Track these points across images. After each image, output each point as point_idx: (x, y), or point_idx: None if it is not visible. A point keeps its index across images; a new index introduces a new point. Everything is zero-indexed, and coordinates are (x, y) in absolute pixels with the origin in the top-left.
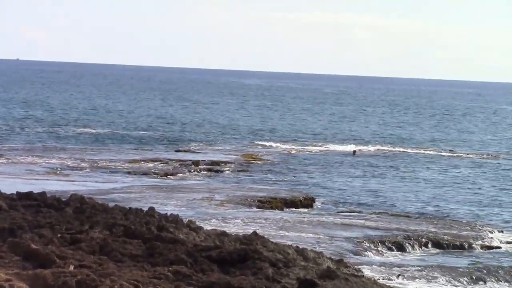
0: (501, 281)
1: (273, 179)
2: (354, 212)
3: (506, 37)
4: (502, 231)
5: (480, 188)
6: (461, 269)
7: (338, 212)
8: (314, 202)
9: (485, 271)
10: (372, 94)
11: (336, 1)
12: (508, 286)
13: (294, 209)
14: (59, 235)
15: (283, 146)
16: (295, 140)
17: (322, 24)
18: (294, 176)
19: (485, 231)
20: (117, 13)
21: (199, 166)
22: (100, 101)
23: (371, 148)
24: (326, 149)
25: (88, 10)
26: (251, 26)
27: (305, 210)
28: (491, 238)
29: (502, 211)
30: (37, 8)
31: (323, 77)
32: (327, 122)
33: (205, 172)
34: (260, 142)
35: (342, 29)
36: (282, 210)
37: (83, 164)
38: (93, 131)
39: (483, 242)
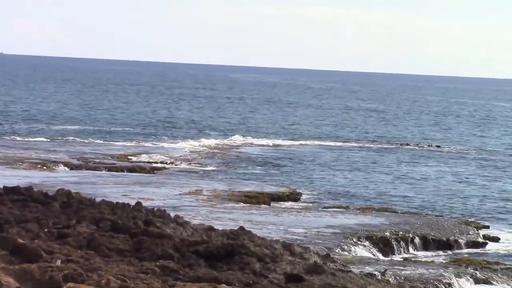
0: (490, 278)
1: (258, 174)
2: (340, 208)
3: (495, 33)
4: (488, 227)
5: (464, 183)
6: (447, 265)
7: (324, 207)
8: (301, 197)
9: (470, 267)
10: (353, 92)
11: None
12: (495, 281)
13: (281, 203)
14: (46, 229)
15: (266, 142)
16: (277, 135)
17: (308, 19)
18: (279, 171)
19: (470, 226)
20: (107, 7)
21: (185, 161)
22: (87, 98)
23: (355, 144)
24: (310, 143)
25: (71, 3)
26: (239, 21)
27: (292, 205)
28: (477, 234)
29: (487, 206)
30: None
31: (310, 73)
32: (309, 117)
33: (191, 167)
34: (242, 138)
35: (328, 23)
36: (269, 205)
37: (69, 159)
38: (76, 127)
39: (468, 238)
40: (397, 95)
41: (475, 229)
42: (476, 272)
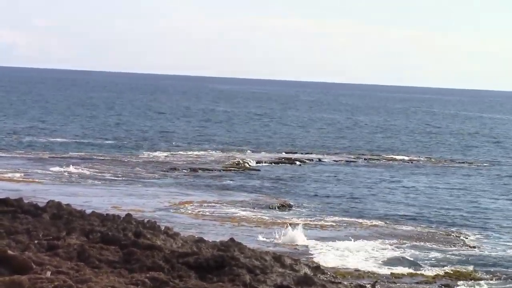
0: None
1: (251, 187)
2: (331, 219)
3: (484, 44)
4: (474, 236)
5: (454, 195)
6: (436, 277)
7: (316, 219)
8: (291, 208)
9: (460, 280)
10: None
11: (315, 6)
12: None
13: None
14: (36, 241)
15: (262, 155)
16: (272, 149)
17: (302, 30)
18: (273, 184)
19: (460, 238)
20: (94, 16)
21: (180, 172)
22: (79, 110)
23: (339, 157)
24: (302, 157)
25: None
26: (229, 32)
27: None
28: (467, 245)
29: (477, 217)
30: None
31: (297, 84)
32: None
33: (185, 178)
34: (237, 151)
35: (322, 35)
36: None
37: (61, 170)
38: (61, 140)
39: (458, 249)
40: (387, 106)
41: (465, 240)
42: (465, 284)
